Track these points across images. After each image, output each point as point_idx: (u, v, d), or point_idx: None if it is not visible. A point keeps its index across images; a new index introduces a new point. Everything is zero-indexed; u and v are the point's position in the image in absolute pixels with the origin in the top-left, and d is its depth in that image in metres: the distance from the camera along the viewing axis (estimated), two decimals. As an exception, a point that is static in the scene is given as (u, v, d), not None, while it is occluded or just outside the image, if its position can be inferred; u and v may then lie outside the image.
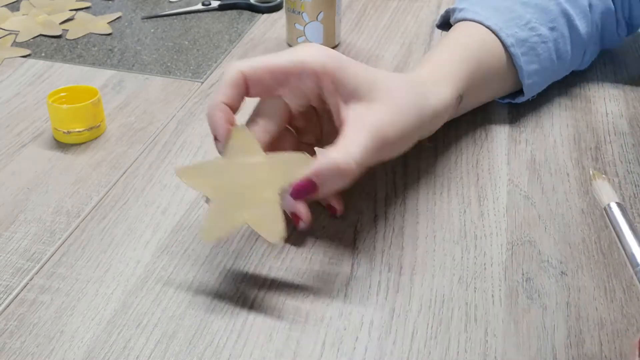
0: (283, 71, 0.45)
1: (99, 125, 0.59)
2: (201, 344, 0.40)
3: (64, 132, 0.58)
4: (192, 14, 0.84)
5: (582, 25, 0.62)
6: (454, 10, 0.63)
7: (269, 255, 0.46)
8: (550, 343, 0.40)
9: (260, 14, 0.84)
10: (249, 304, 0.43)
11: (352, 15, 0.84)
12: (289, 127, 0.49)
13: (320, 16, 0.72)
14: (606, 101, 0.64)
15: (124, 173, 0.55)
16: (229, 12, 0.85)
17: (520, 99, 0.62)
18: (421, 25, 0.81)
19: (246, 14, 0.84)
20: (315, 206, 0.50)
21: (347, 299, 0.43)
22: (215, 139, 0.44)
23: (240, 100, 0.45)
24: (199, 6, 0.84)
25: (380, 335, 0.41)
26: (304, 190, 0.43)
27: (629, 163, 0.55)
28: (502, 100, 0.63)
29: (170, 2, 0.87)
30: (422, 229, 0.49)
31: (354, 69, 0.45)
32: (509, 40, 0.58)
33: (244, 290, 0.44)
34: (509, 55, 0.58)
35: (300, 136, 0.50)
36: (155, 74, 0.70)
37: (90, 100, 0.58)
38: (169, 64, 0.72)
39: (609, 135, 0.59)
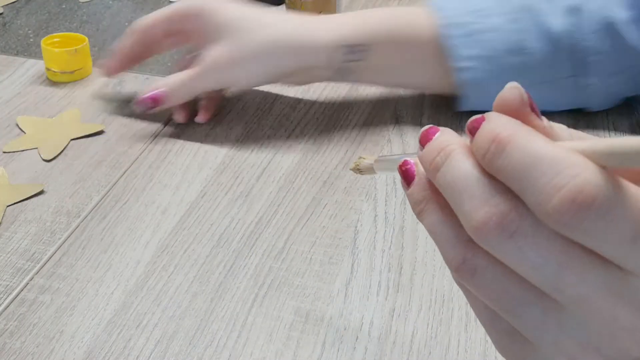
0: (171, 16, 0.58)
1: (82, 69, 0.68)
2: (201, 344, 0.40)
3: (52, 71, 0.67)
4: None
5: (556, 23, 0.55)
6: None
7: (269, 255, 0.46)
8: (551, 343, 0.40)
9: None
10: (249, 304, 0.43)
11: (352, 15, 0.84)
12: None
13: (321, 16, 0.72)
14: (606, 101, 0.64)
15: (124, 173, 0.55)
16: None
17: (463, 90, 0.57)
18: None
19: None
20: (316, 206, 0.50)
21: (347, 299, 0.43)
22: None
23: (140, 51, 0.61)
24: None
25: (380, 335, 0.41)
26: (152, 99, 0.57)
27: (629, 163, 0.55)
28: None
29: (171, 2, 0.87)
30: (422, 229, 0.48)
31: (226, 10, 0.56)
32: (443, 21, 0.55)
33: (244, 290, 0.44)
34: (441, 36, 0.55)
35: None
36: (156, 74, 0.70)
37: (74, 47, 0.67)
38: (169, 64, 0.72)
39: (609, 135, 0.59)
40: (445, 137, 0.26)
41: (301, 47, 0.55)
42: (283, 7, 0.76)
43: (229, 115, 0.62)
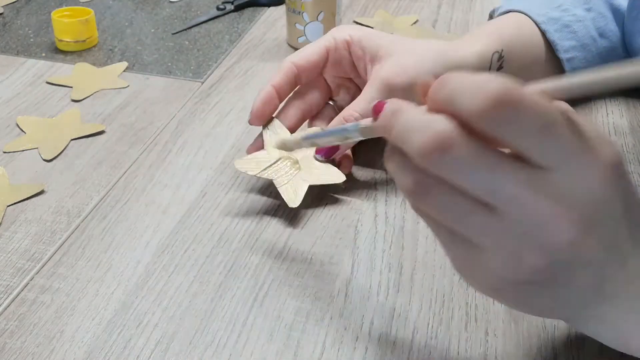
0: (323, 51, 0.54)
1: (91, 38, 0.75)
2: (201, 344, 0.40)
3: (65, 41, 0.74)
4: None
5: (624, 3, 0.63)
6: (494, 10, 0.67)
7: (269, 255, 0.46)
8: (551, 343, 0.40)
9: (265, 8, 0.84)
10: (249, 303, 0.43)
11: (353, 15, 0.84)
12: (331, 103, 0.57)
13: (321, 16, 0.72)
14: (606, 101, 0.64)
15: (124, 173, 0.55)
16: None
17: None
18: (422, 25, 0.81)
19: (246, 14, 0.84)
20: (316, 206, 0.50)
21: (347, 299, 0.43)
22: (251, 116, 0.52)
23: (291, 88, 0.54)
24: (215, 11, 0.84)
25: (380, 335, 0.41)
26: (331, 150, 0.51)
27: (629, 163, 0.55)
28: None
29: (171, 2, 0.87)
30: (422, 228, 0.49)
31: (377, 35, 0.54)
32: (540, 19, 0.61)
33: (244, 290, 0.44)
34: (543, 33, 0.61)
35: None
36: (156, 74, 0.70)
37: (85, 17, 0.74)
38: (169, 64, 0.72)
39: (609, 135, 0.59)
40: (395, 103, 0.31)
41: (462, 59, 0.54)
42: (283, 7, 0.76)
43: (229, 115, 0.62)
